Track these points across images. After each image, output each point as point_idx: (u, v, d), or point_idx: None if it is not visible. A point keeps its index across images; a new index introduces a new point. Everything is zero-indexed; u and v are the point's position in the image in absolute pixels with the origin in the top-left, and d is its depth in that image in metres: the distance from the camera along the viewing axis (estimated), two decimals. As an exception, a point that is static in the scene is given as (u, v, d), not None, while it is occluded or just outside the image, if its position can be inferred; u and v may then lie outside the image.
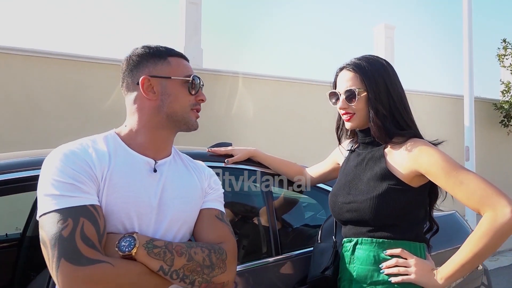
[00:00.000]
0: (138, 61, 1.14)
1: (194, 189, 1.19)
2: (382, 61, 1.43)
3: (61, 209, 0.94)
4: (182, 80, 1.13)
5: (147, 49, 1.15)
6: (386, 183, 1.33)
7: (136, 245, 0.95)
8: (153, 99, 1.11)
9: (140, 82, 1.11)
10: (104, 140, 1.11)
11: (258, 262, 1.70)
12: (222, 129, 6.29)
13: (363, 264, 1.36)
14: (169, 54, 1.16)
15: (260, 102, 7.13)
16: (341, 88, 1.43)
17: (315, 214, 2.28)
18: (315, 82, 7.85)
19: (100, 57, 6.00)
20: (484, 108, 9.59)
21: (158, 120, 1.13)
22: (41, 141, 5.21)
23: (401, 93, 1.41)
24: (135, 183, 1.06)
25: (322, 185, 1.95)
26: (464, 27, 6.67)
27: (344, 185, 1.44)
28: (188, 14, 7.07)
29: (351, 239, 1.41)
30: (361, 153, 1.48)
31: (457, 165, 1.27)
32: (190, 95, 1.14)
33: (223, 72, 6.92)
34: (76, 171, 0.99)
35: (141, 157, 1.11)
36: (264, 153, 1.85)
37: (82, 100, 5.74)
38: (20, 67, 5.47)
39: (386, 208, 1.31)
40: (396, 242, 1.33)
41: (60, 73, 5.69)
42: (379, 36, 9.35)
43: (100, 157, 1.04)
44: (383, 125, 1.36)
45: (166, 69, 1.13)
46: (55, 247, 0.90)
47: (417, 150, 1.31)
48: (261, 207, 1.87)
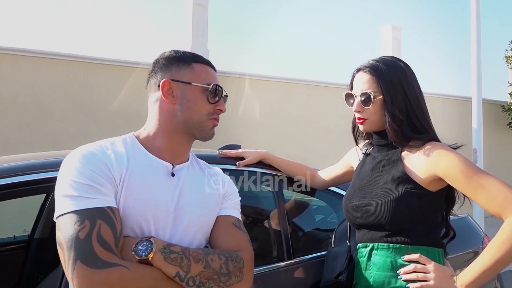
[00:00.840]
0: (164, 64, 1.14)
1: (211, 195, 1.17)
2: (400, 63, 1.40)
3: (79, 210, 0.93)
4: (202, 87, 1.12)
5: (174, 53, 1.16)
6: (403, 186, 1.30)
7: (153, 249, 0.94)
8: (171, 102, 1.12)
9: (161, 85, 1.11)
10: (123, 142, 1.10)
11: (269, 266, 1.68)
12: (229, 131, 6.28)
13: (380, 270, 1.33)
14: (195, 60, 1.16)
15: (267, 103, 7.12)
16: (357, 90, 1.40)
17: (325, 217, 2.26)
18: (322, 84, 7.85)
19: (107, 58, 6.01)
20: (492, 110, 9.53)
21: (175, 125, 1.12)
22: (48, 142, 5.22)
23: (419, 96, 1.38)
24: (153, 186, 1.06)
25: (333, 188, 1.93)
26: (472, 29, 6.61)
27: (359, 189, 1.42)
28: (195, 15, 7.07)
29: (367, 245, 1.38)
30: (376, 156, 1.45)
31: (478, 168, 1.24)
32: (208, 103, 1.13)
33: (230, 73, 6.92)
34: (94, 173, 0.98)
35: (159, 161, 1.11)
36: (275, 156, 1.83)
37: (88, 101, 5.75)
38: (27, 68, 5.49)
39: (403, 211, 1.28)
40: (413, 247, 1.30)
41: (67, 74, 5.71)
42: (386, 37, 9.31)
43: (118, 159, 1.04)
44: (400, 129, 1.34)
45: (188, 75, 1.13)
46: (71, 249, 0.89)
47: (436, 154, 1.28)
48: (272, 209, 1.85)
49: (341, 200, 1.97)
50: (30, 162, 1.46)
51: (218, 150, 1.86)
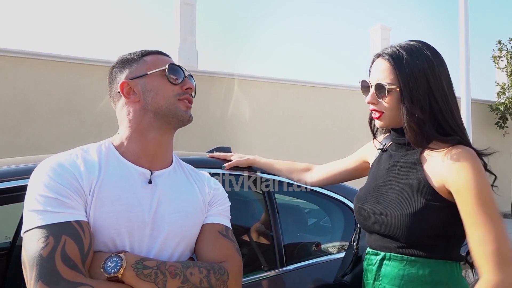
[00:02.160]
0: (115, 72, 1.11)
1: (194, 202, 1.10)
2: (427, 52, 1.19)
3: (43, 226, 0.87)
4: (159, 72, 1.07)
5: (121, 58, 1.13)
6: (423, 197, 1.14)
7: (123, 265, 0.87)
8: (136, 100, 1.07)
9: (119, 88, 1.07)
10: (97, 150, 1.04)
11: (260, 275, 1.62)
12: (218, 131, 6.23)
13: (390, 283, 1.20)
14: (144, 54, 1.12)
15: (256, 104, 7.08)
16: (372, 79, 1.23)
17: (318, 221, 2.21)
18: (311, 84, 7.85)
19: (93, 59, 5.91)
20: (480, 110, 9.61)
21: (147, 121, 1.06)
22: (32, 144, 5.10)
23: (447, 92, 1.19)
24: (127, 196, 0.99)
25: (327, 192, 1.87)
26: (461, 29, 6.65)
27: (373, 191, 1.27)
28: (182, 15, 7.00)
29: (378, 253, 1.24)
30: (393, 155, 1.28)
31: (492, 202, 1.10)
32: (172, 85, 1.08)
33: (218, 74, 6.87)
34: (61, 185, 0.92)
35: (135, 168, 1.04)
36: (264, 159, 1.73)
37: (74, 102, 5.65)
38: (10, 68, 5.38)
39: (421, 227, 1.14)
40: (429, 261, 1.16)
41: (52, 75, 5.60)
42: (375, 38, 9.35)
43: (88, 169, 0.97)
44: (419, 129, 1.16)
45: (142, 68, 1.08)
46: (33, 268, 0.83)
47: (460, 166, 1.11)
48: (262, 213, 1.79)
49: (333, 203, 1.95)
50: (10, 168, 1.38)
51: (207, 152, 1.80)
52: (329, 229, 2.08)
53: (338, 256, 1.72)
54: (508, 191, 8.81)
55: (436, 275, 1.16)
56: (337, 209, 1.93)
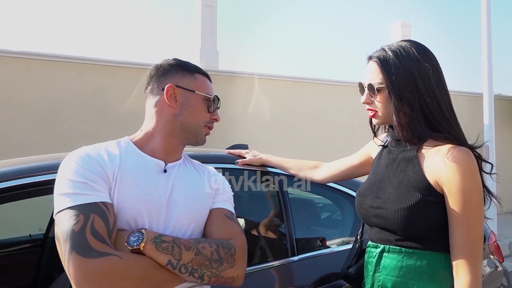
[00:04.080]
0: (168, 70, 1.22)
1: (203, 189, 1.23)
2: (414, 51, 1.24)
3: (74, 206, 0.99)
4: (204, 96, 1.21)
5: (178, 61, 1.24)
6: (419, 192, 1.20)
7: (144, 239, 0.99)
8: (173, 106, 1.19)
9: (165, 89, 1.18)
10: (117, 144, 1.17)
11: (274, 263, 1.73)
12: (238, 131, 6.30)
13: (390, 274, 1.26)
14: (197, 71, 1.25)
15: (275, 103, 7.12)
16: (365, 81, 1.31)
17: (331, 215, 2.29)
18: (331, 82, 7.82)
19: (118, 61, 6.09)
20: (504, 106, 9.40)
21: (172, 128, 1.19)
22: (61, 143, 5.31)
23: (436, 88, 1.23)
24: (146, 182, 1.11)
25: (339, 187, 1.96)
26: (483, 23, 6.55)
27: (373, 186, 1.33)
28: (204, 16, 7.10)
29: (378, 245, 1.31)
30: (392, 151, 1.34)
31: (481, 207, 1.18)
32: (207, 112, 1.22)
33: (238, 73, 6.94)
34: (89, 171, 1.04)
35: (151, 159, 1.17)
36: (276, 157, 1.83)
37: (101, 103, 5.84)
38: (40, 71, 5.59)
39: (417, 221, 1.20)
40: (427, 253, 1.22)
41: (80, 76, 5.80)
42: (395, 34, 9.24)
43: (111, 158, 1.10)
44: (408, 126, 1.22)
45: (192, 83, 1.21)
46: (67, 242, 0.95)
47: (454, 166, 1.16)
48: (277, 208, 1.89)
49: (345, 198, 2.03)
50: (43, 164, 1.52)
51: (226, 149, 1.92)
52: (340, 223, 2.16)
53: (346, 248, 1.81)
54: (533, 188, 8.61)
55: (433, 266, 1.21)
56: (348, 204, 2.01)
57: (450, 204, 1.17)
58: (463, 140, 1.24)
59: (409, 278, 1.23)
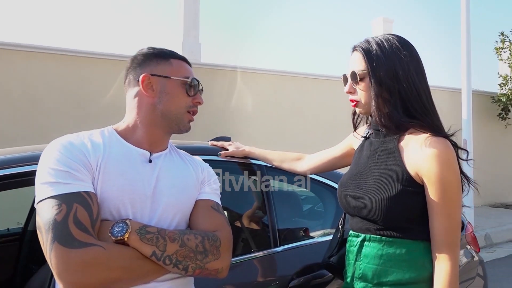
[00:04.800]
0: (142, 60, 1.19)
1: (189, 179, 1.22)
2: (395, 41, 1.29)
3: (56, 196, 0.97)
4: (181, 80, 1.18)
5: (151, 50, 1.21)
6: (399, 183, 1.23)
7: (129, 230, 0.98)
8: (151, 96, 1.16)
9: (140, 79, 1.15)
10: (101, 133, 1.15)
11: (257, 254, 1.74)
12: (221, 124, 6.30)
13: (370, 263, 1.29)
14: (172, 56, 1.21)
15: (259, 96, 7.13)
16: (348, 71, 1.34)
17: (313, 206, 2.32)
18: (313, 76, 7.85)
19: (99, 52, 5.99)
20: (482, 101, 9.60)
21: (153, 117, 1.17)
22: (41, 136, 5.22)
23: (415, 77, 1.27)
24: (130, 171, 1.10)
25: (321, 179, 1.98)
26: (462, 20, 6.66)
27: (355, 176, 1.36)
28: (186, 8, 7.04)
29: (359, 235, 1.34)
30: (374, 142, 1.37)
31: (459, 196, 1.22)
32: (187, 96, 1.19)
33: (221, 66, 6.91)
34: (71, 160, 1.03)
35: (136, 149, 1.15)
36: (259, 150, 1.84)
37: (81, 95, 5.75)
38: (20, 63, 5.47)
39: (397, 211, 1.23)
40: (406, 241, 1.25)
41: (60, 68, 5.69)
42: (377, 30, 9.32)
43: (95, 147, 1.08)
44: (386, 112, 1.26)
45: (167, 69, 1.18)
46: (49, 231, 0.93)
47: (432, 155, 1.20)
48: (260, 199, 1.90)
49: (327, 190, 2.05)
50: (20, 155, 1.49)
51: (209, 141, 1.92)
52: (322, 214, 2.19)
53: (328, 238, 1.83)
54: (509, 182, 8.84)
55: (412, 254, 1.25)
56: (330, 195, 2.04)
57: (430, 193, 1.20)
58: (439, 128, 1.27)
59: (389, 266, 1.26)
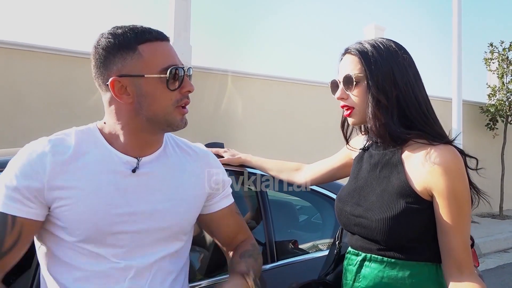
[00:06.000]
0: (105, 56, 0.96)
1: (189, 187, 1.09)
2: (391, 44, 1.20)
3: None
4: (159, 77, 0.94)
5: (112, 39, 0.95)
6: (403, 200, 1.12)
7: None
8: (128, 101, 0.96)
9: (109, 85, 0.95)
10: (78, 135, 1.01)
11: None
12: (211, 127, 6.24)
13: (370, 284, 1.19)
14: (139, 41, 0.95)
15: (249, 100, 7.09)
16: (340, 75, 1.22)
17: (309, 217, 2.23)
18: (304, 82, 7.86)
19: (87, 52, 5.85)
20: (470, 111, 9.70)
21: (138, 123, 0.98)
22: (24, 136, 5.06)
23: (413, 82, 1.17)
24: (107, 188, 0.95)
25: (318, 188, 1.90)
26: (454, 31, 6.72)
27: (354, 192, 1.25)
28: (177, 10, 6.98)
29: (359, 253, 1.24)
30: (374, 155, 1.25)
31: (469, 208, 1.12)
32: (172, 91, 0.96)
33: (212, 70, 6.85)
34: (19, 179, 0.92)
35: (120, 156, 0.99)
36: (256, 158, 1.73)
37: (67, 95, 5.61)
38: (2, 60, 5.31)
39: (401, 231, 1.13)
40: (410, 263, 1.16)
41: (45, 67, 5.55)
42: (369, 37, 9.30)
43: (61, 159, 0.94)
44: (384, 118, 1.14)
45: (137, 65, 0.94)
46: None
47: (441, 169, 1.09)
48: (255, 210, 1.81)
49: (325, 200, 1.97)
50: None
51: None
52: (320, 226, 2.10)
53: (326, 252, 1.74)
54: (497, 192, 8.91)
55: (415, 277, 1.15)
56: (328, 206, 1.95)
57: (442, 209, 1.09)
58: (442, 137, 1.17)
59: None
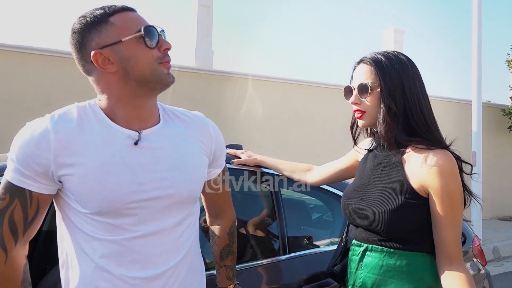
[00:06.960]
0: (81, 36, 1.01)
1: (192, 153, 1.13)
2: (403, 58, 1.34)
3: (8, 183, 0.97)
4: (135, 37, 1.00)
5: (83, 19, 1.01)
6: (402, 196, 1.26)
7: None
8: (114, 70, 1.01)
9: (93, 60, 1.00)
10: (80, 111, 1.04)
11: (267, 260, 1.79)
12: (231, 130, 6.30)
13: (370, 272, 1.32)
14: (109, 14, 1.01)
15: (268, 104, 7.14)
16: (355, 82, 1.36)
17: (322, 215, 2.35)
18: (323, 85, 7.85)
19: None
20: (492, 114, 9.52)
21: (129, 90, 1.02)
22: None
23: (420, 94, 1.32)
24: (111, 160, 0.99)
25: (330, 188, 2.02)
26: (474, 32, 6.66)
27: (358, 189, 1.39)
28: (199, 16, 7.10)
29: (361, 244, 1.37)
30: (378, 155, 1.40)
31: (461, 206, 1.26)
32: (150, 49, 1.01)
33: (233, 73, 6.95)
34: (24, 157, 0.96)
35: (121, 130, 1.03)
36: (270, 159, 1.86)
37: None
38: (35, 66, 5.54)
39: (400, 223, 1.26)
40: (407, 253, 1.29)
41: (74, 72, 5.72)
42: (388, 40, 9.33)
43: (63, 136, 0.98)
44: (393, 123, 1.28)
45: (113, 33, 1.00)
46: None
47: (437, 170, 1.23)
48: (270, 207, 1.94)
49: (336, 200, 2.09)
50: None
51: None
52: (330, 223, 2.23)
53: (334, 247, 1.87)
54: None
55: (412, 266, 1.28)
56: (339, 205, 2.07)
57: (436, 206, 1.23)
58: (440, 142, 1.30)
59: (388, 276, 1.29)
